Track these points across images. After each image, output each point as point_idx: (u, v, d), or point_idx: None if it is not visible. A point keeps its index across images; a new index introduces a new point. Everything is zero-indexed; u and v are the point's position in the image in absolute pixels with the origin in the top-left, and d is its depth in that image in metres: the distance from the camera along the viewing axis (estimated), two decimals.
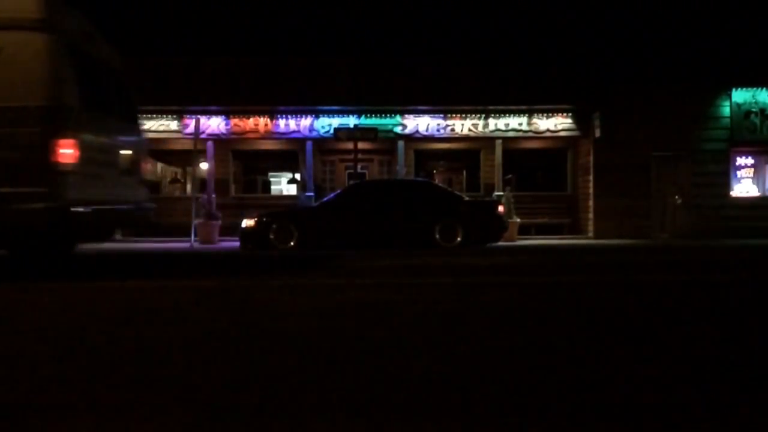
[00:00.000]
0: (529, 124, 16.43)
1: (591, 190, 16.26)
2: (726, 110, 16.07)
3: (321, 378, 2.17)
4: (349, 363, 2.38)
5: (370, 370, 2.28)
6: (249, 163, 18.88)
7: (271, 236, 11.02)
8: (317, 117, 16.28)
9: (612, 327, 3.19)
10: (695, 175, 16.07)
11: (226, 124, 16.30)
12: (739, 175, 16.31)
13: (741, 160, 16.28)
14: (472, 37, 34.25)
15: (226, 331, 3.13)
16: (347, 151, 16.41)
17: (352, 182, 15.40)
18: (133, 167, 7.01)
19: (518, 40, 32.14)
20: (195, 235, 13.66)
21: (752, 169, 16.31)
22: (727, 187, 16.18)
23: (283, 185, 19.45)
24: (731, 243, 13.21)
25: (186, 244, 13.52)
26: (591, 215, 16.29)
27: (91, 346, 2.78)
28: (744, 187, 16.31)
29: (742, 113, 16.03)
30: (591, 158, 16.25)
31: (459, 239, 11.22)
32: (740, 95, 16.05)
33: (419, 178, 16.45)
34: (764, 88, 15.93)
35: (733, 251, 10.32)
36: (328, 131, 16.15)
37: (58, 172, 5.43)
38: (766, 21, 19.59)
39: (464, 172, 18.76)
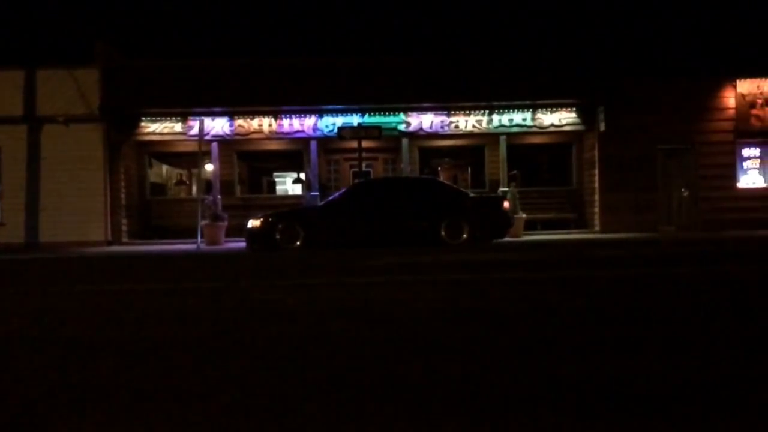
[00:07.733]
0: (533, 119, 16.38)
1: (596, 184, 16.22)
2: (731, 101, 16.01)
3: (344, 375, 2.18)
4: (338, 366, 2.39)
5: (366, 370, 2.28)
6: (254, 163, 18.92)
7: (278, 236, 11.04)
8: (321, 116, 16.28)
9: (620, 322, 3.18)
10: (701, 167, 16.01)
11: (231, 125, 16.33)
12: (745, 167, 16.23)
13: (747, 151, 16.20)
14: (475, 32, 34.21)
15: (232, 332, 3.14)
16: (351, 150, 16.42)
17: (356, 181, 15.40)
18: None
19: (521, 35, 32.09)
20: (201, 237, 13.71)
21: (758, 161, 16.23)
22: (734, 178, 16.12)
23: (288, 185, 19.48)
24: (739, 234, 13.15)
25: (192, 246, 13.57)
26: (597, 209, 16.26)
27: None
28: (750, 178, 16.23)
29: (747, 104, 15.96)
30: (596, 152, 16.21)
31: (465, 236, 11.21)
32: (745, 86, 15.98)
33: (424, 176, 16.43)
34: None
35: (743, 243, 10.27)
36: (332, 130, 16.15)
37: None
38: None
39: (469, 169, 18.74)
